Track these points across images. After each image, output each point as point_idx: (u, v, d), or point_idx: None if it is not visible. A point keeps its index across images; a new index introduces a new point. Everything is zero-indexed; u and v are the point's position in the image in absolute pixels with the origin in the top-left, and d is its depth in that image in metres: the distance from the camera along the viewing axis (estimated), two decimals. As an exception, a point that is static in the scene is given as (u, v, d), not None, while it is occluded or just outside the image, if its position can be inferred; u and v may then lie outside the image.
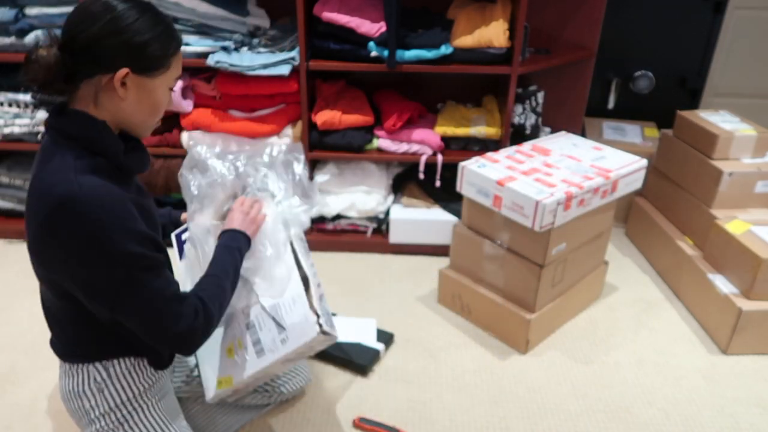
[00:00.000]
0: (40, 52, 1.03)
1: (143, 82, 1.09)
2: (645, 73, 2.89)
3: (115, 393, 1.22)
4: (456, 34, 2.18)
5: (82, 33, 1.03)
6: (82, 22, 1.03)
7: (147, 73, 1.08)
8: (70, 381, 1.22)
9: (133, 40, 1.04)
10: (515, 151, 2.06)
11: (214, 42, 2.21)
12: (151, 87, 1.10)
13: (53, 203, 1.00)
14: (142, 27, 1.05)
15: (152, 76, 1.09)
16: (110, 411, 1.22)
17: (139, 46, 1.05)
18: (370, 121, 2.34)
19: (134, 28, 1.04)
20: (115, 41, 1.03)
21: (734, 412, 1.75)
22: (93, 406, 1.22)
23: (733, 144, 2.16)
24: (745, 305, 1.90)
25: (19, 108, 2.36)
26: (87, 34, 1.03)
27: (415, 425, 1.68)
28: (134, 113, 1.11)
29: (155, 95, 1.12)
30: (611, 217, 2.11)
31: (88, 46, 1.03)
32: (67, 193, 1.00)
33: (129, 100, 1.09)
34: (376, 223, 2.53)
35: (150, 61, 1.08)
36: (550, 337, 2.05)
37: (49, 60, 1.02)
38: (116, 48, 1.04)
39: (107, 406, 1.22)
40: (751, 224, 2.04)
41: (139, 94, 1.10)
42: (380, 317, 2.12)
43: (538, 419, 1.71)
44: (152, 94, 1.11)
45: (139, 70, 1.07)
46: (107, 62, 1.04)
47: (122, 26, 1.03)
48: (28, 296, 2.21)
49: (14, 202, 2.58)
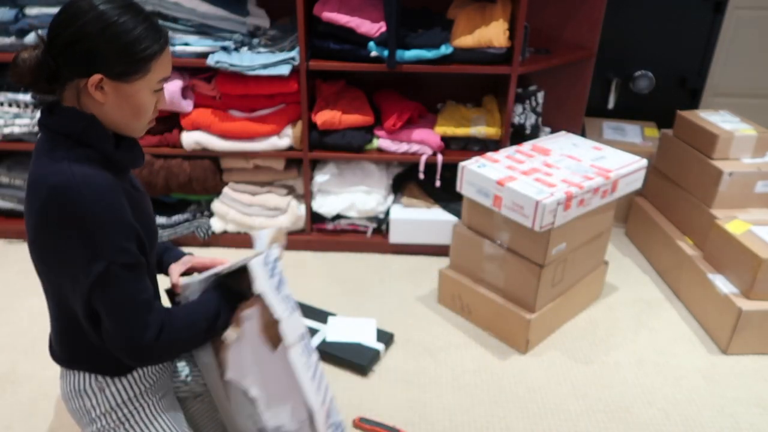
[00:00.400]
0: (23, 54, 1.03)
1: (121, 87, 1.05)
2: (645, 73, 2.89)
3: (116, 392, 1.22)
4: (456, 34, 2.18)
5: (59, 36, 1.01)
6: (60, 24, 1.02)
7: (123, 79, 1.04)
8: (71, 380, 1.22)
9: (106, 45, 1.00)
10: (515, 151, 2.06)
11: (214, 42, 2.21)
12: (130, 92, 1.06)
13: (47, 191, 1.00)
14: (117, 31, 1.01)
15: (129, 81, 1.05)
16: (111, 410, 1.22)
17: (112, 51, 1.01)
18: (370, 121, 2.34)
19: (109, 33, 1.00)
20: (88, 46, 1.00)
21: (734, 412, 1.75)
22: (94, 405, 1.21)
23: (733, 144, 2.16)
24: (745, 305, 1.90)
25: (19, 108, 2.36)
26: (63, 37, 1.01)
27: (415, 425, 1.68)
28: (116, 116, 1.08)
29: (136, 100, 1.08)
30: (611, 217, 2.11)
31: (64, 50, 1.01)
32: (60, 181, 1.00)
33: (109, 104, 1.06)
34: (376, 223, 2.53)
35: (125, 66, 1.03)
36: (550, 337, 2.05)
37: (31, 62, 1.02)
38: (89, 53, 1.01)
39: (108, 406, 1.22)
40: (751, 224, 2.04)
41: (119, 99, 1.06)
42: (380, 317, 2.12)
43: (538, 419, 1.71)
44: (132, 98, 1.07)
45: (114, 76, 1.03)
46: (82, 67, 1.02)
47: (95, 30, 1.00)
48: (28, 296, 2.21)
49: (14, 202, 2.58)
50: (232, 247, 2.55)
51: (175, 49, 2.19)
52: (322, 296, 2.24)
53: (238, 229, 2.52)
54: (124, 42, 1.01)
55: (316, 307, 2.14)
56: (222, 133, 2.32)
